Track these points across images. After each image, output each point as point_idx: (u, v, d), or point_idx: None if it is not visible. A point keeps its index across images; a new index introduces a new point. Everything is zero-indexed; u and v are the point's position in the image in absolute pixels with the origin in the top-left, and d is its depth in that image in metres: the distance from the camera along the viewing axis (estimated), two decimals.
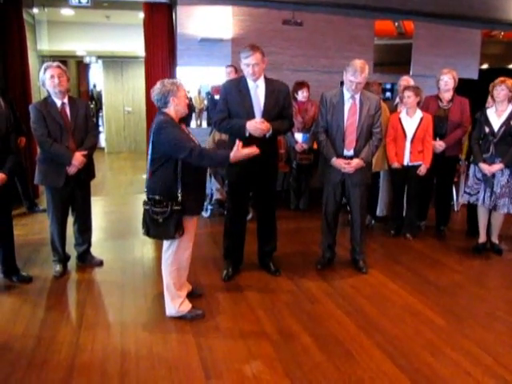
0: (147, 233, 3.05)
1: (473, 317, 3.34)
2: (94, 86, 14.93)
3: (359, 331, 3.11)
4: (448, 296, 3.67)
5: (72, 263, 4.14)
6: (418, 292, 3.71)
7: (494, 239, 4.65)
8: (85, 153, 3.77)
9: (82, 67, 14.13)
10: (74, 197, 3.95)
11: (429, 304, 3.51)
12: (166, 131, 2.91)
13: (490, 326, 3.21)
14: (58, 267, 3.95)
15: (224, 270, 3.93)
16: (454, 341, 3.01)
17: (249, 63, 3.50)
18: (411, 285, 3.85)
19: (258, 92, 3.61)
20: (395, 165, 4.79)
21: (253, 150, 3.07)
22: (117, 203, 6.47)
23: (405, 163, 4.75)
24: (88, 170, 3.92)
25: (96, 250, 4.30)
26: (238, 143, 3.03)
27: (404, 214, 5.06)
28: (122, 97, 11.13)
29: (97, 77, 13.85)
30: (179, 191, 2.96)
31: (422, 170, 4.69)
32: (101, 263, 4.17)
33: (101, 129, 13.26)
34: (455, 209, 6.13)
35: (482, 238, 4.64)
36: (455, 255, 4.56)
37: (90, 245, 4.19)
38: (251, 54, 3.49)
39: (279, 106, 3.65)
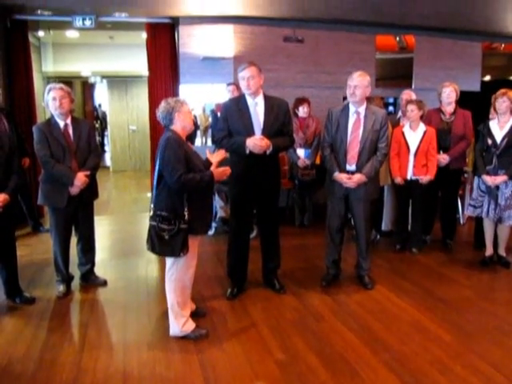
0: (152, 249, 3.04)
1: (481, 332, 3.28)
2: (99, 106, 15.07)
3: (365, 349, 3.05)
4: (456, 311, 3.61)
5: (75, 283, 4.12)
6: (424, 308, 3.65)
7: (501, 252, 4.59)
8: (87, 173, 3.77)
9: (87, 87, 14.29)
10: (77, 217, 3.95)
11: (436, 320, 3.45)
12: (167, 151, 2.92)
13: (500, 342, 3.14)
14: (62, 287, 3.93)
15: (228, 288, 3.90)
16: (463, 358, 2.95)
17: (244, 76, 3.54)
18: (418, 300, 3.79)
19: (257, 109, 3.63)
20: (398, 180, 4.76)
21: (222, 171, 3.09)
22: (121, 222, 6.46)
23: (408, 177, 4.73)
24: (91, 190, 3.92)
25: (100, 270, 4.28)
26: (208, 151, 3.13)
27: (409, 228, 5.01)
28: (126, 116, 11.21)
29: (102, 96, 13.98)
30: (186, 209, 2.95)
31: (424, 179, 4.65)
32: (104, 283, 4.15)
33: (106, 148, 13.34)
34: (461, 222, 6.07)
35: (489, 251, 4.58)
36: (462, 269, 4.49)
37: (93, 264, 4.18)
38: (246, 67, 3.53)
39: (279, 122, 3.66)
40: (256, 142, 3.50)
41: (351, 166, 3.85)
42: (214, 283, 4.15)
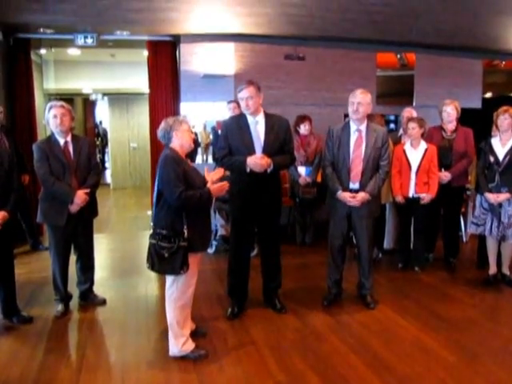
0: (152, 267, 3.03)
1: (486, 353, 3.23)
2: (100, 123, 15.16)
3: (367, 370, 3.01)
4: (459, 331, 3.56)
5: (74, 302, 4.08)
6: (428, 327, 3.61)
7: (505, 270, 4.56)
8: (87, 191, 3.77)
9: (89, 104, 14.41)
10: (77, 235, 3.93)
11: (440, 340, 3.41)
12: (166, 169, 2.94)
13: (505, 363, 3.10)
14: (60, 307, 3.90)
15: (228, 307, 3.87)
16: (467, 379, 2.91)
17: (242, 97, 3.57)
18: (421, 320, 3.75)
19: (257, 128, 3.65)
20: (399, 199, 4.76)
21: (219, 186, 3.09)
22: (121, 240, 6.45)
23: (410, 195, 4.72)
24: (90, 208, 3.92)
25: (99, 289, 4.26)
26: (206, 169, 3.17)
27: (412, 247, 4.99)
28: (127, 133, 11.28)
29: (103, 113, 14.07)
30: (185, 227, 2.95)
31: (426, 199, 4.64)
32: (103, 302, 4.12)
33: (107, 165, 13.37)
34: (464, 240, 6.04)
35: (493, 270, 4.55)
36: (466, 288, 4.45)
37: (92, 283, 4.15)
38: (244, 88, 3.56)
39: (280, 140, 3.67)
40: (257, 161, 3.52)
41: (354, 184, 3.85)
42: (214, 302, 4.12)
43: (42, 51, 7.45)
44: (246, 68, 6.44)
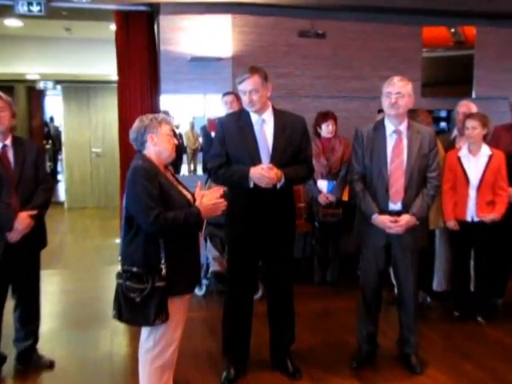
0: (119, 316, 3.03)
1: None
2: (52, 120, 15.28)
3: None
4: None
5: (9, 366, 4.03)
6: None
7: None
8: (32, 213, 3.80)
9: (35, 95, 14.51)
10: (16, 272, 3.92)
11: None
12: (135, 186, 2.94)
13: None
14: None
15: (224, 370, 3.87)
16: None
17: (244, 89, 3.59)
18: None
19: (264, 129, 3.68)
20: (451, 224, 4.78)
21: (216, 202, 3.09)
22: (78, 279, 6.46)
23: (469, 218, 4.73)
24: (37, 236, 3.92)
25: (45, 346, 4.24)
26: (199, 184, 3.14)
27: (472, 289, 4.99)
28: (88, 134, 11.38)
29: (55, 108, 14.18)
30: (162, 262, 2.96)
31: (488, 218, 4.65)
32: (51, 365, 4.08)
33: (60, 177, 13.43)
34: None
35: None
36: None
37: (36, 339, 4.11)
38: (247, 78, 3.57)
39: (293, 146, 3.69)
40: (263, 173, 3.53)
41: (396, 205, 3.86)
42: (204, 363, 4.12)
43: None
44: (248, 49, 6.50)
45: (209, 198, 3.11)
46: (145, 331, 3.10)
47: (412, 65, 6.91)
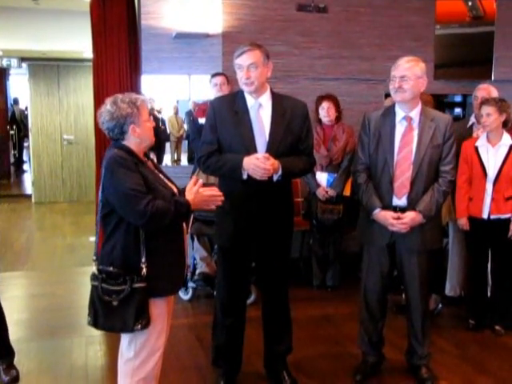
0: (94, 322, 3.02)
1: None
2: (16, 102, 15.19)
3: None
4: None
5: None
6: None
7: None
8: None
9: None
10: None
11: None
12: (117, 175, 2.91)
13: None
14: None
15: (213, 383, 3.88)
16: None
17: (242, 64, 3.56)
18: None
19: (261, 113, 3.66)
20: (462, 222, 4.79)
21: (214, 193, 3.11)
22: (48, 282, 6.42)
23: (485, 216, 4.75)
24: None
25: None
26: (194, 179, 3.10)
27: (489, 294, 5.01)
28: (58, 119, 11.33)
29: (20, 89, 14.09)
30: (143, 260, 2.95)
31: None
32: (15, 379, 4.04)
33: (25, 167, 13.36)
34: None
35: None
36: None
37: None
38: (247, 50, 3.55)
39: (293, 134, 3.68)
40: (258, 163, 3.50)
41: (400, 200, 3.86)
42: (191, 375, 4.12)
43: None
44: (240, 24, 6.49)
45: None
46: (124, 339, 3.09)
47: (423, 43, 6.92)
